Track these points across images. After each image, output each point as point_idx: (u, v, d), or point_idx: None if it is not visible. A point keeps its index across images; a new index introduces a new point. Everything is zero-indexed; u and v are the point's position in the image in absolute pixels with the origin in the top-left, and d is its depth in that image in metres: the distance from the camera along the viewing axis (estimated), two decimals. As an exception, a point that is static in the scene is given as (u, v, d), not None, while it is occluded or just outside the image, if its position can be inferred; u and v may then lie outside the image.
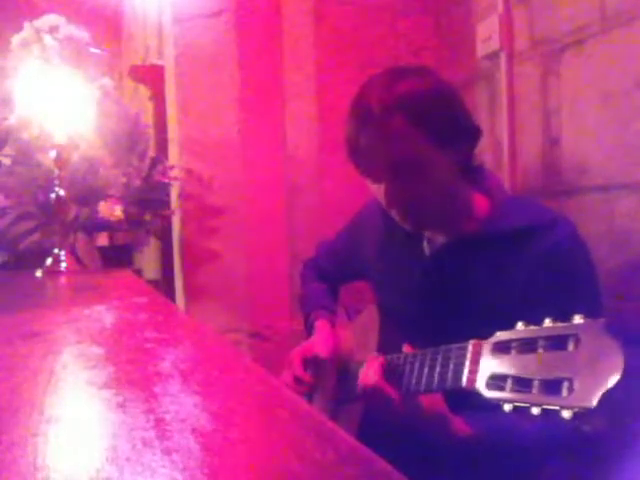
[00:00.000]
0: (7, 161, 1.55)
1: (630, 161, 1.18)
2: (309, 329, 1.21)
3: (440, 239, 0.99)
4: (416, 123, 0.85)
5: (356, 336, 1.16)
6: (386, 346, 0.99)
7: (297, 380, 1.12)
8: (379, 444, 0.39)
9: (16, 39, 1.46)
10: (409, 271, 1.02)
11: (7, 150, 1.54)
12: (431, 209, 0.92)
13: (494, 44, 1.52)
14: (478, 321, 0.66)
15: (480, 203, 0.96)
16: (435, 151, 0.88)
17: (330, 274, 1.29)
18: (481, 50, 1.59)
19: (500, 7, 1.50)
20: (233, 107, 1.69)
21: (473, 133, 0.93)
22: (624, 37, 1.18)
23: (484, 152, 1.56)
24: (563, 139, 1.35)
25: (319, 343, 1.12)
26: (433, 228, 0.98)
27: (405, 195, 0.89)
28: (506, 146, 1.50)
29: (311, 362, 1.13)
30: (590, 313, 0.71)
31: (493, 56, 1.55)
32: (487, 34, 1.55)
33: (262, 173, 1.71)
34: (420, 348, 0.81)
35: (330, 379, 1.13)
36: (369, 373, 0.82)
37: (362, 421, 1.01)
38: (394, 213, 0.93)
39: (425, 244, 1.01)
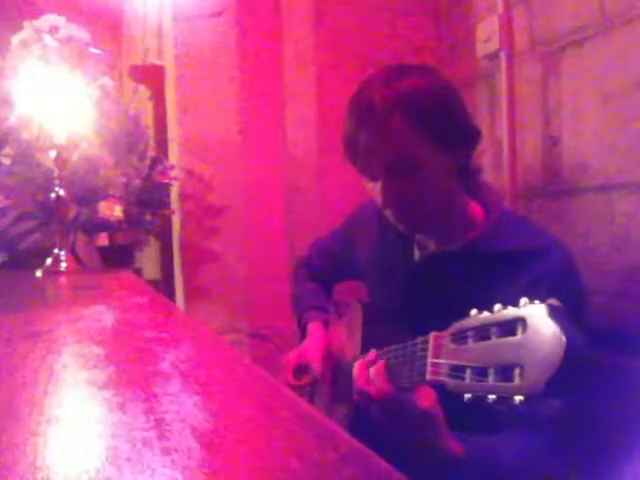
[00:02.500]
0: (7, 161, 1.55)
1: (630, 161, 1.18)
2: (302, 330, 1.21)
3: (431, 246, 0.98)
4: (417, 121, 0.84)
5: (345, 334, 1.17)
6: (369, 344, 0.99)
7: (290, 387, 1.12)
8: (371, 443, 0.39)
9: (16, 39, 1.46)
10: (397, 273, 1.02)
11: (7, 150, 1.54)
12: (426, 211, 0.91)
13: (494, 44, 1.52)
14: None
15: (476, 213, 0.95)
16: (434, 151, 0.87)
17: (323, 274, 1.29)
18: (481, 50, 1.59)
19: (500, 7, 1.50)
20: (233, 107, 1.69)
21: (473, 135, 0.92)
22: (624, 37, 1.18)
23: (484, 152, 1.56)
24: (563, 139, 1.35)
25: (312, 350, 1.12)
26: (426, 231, 0.97)
27: (401, 195, 0.88)
28: (506, 146, 1.50)
29: (305, 366, 1.14)
30: None
31: (493, 56, 1.55)
32: (487, 34, 1.55)
33: (262, 173, 1.71)
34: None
35: (326, 378, 1.14)
36: (366, 376, 0.80)
37: (353, 420, 1.01)
38: (389, 213, 0.92)
39: (415, 249, 1.01)
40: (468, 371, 0.59)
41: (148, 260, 2.50)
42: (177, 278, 1.83)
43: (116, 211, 1.59)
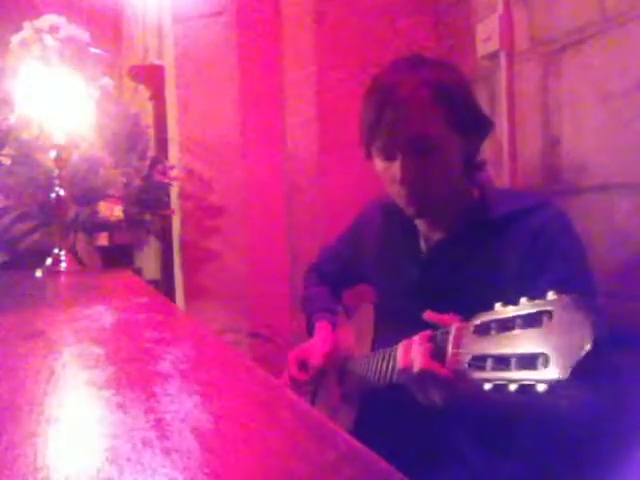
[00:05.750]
0: (7, 161, 1.55)
1: (630, 161, 1.18)
2: (310, 330, 1.21)
3: (436, 235, 0.99)
4: (441, 103, 0.89)
5: (354, 335, 1.17)
6: (380, 344, 0.99)
7: (293, 380, 1.12)
8: (374, 442, 0.39)
9: (16, 39, 1.46)
10: (407, 271, 1.03)
11: (7, 150, 1.54)
12: (437, 193, 0.93)
13: (494, 44, 1.52)
14: (475, 313, 0.66)
15: (475, 196, 0.98)
16: (452, 134, 0.91)
17: (333, 278, 1.29)
18: (481, 50, 1.59)
19: (500, 7, 1.50)
20: (233, 107, 1.69)
21: (486, 124, 0.96)
22: (624, 37, 1.17)
23: (484, 152, 1.56)
24: (563, 139, 1.35)
25: (316, 347, 1.12)
26: (432, 215, 0.98)
27: (418, 173, 0.91)
28: (506, 146, 1.50)
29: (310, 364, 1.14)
30: (581, 286, 0.74)
31: (493, 56, 1.55)
32: (487, 34, 1.55)
33: (262, 173, 1.71)
34: None
35: (331, 379, 1.14)
36: (416, 356, 0.74)
37: (358, 418, 1.01)
38: (403, 192, 0.93)
39: (422, 242, 1.02)
40: (489, 360, 0.58)
41: (148, 260, 2.50)
42: (177, 278, 1.83)
43: (116, 211, 1.59)
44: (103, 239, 2.06)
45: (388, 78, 0.92)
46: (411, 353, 0.74)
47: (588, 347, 0.49)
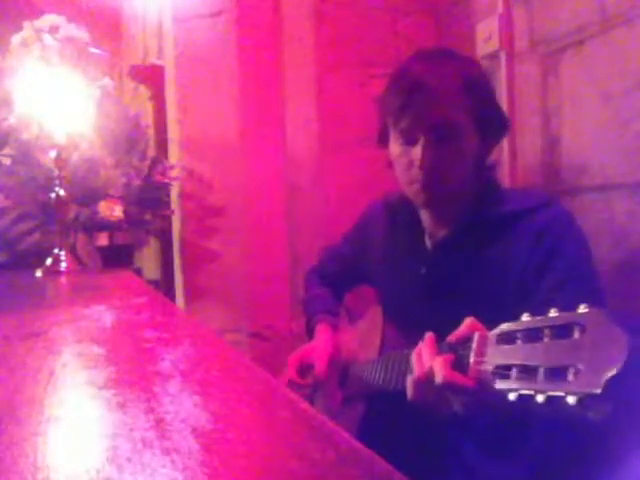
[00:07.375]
0: (7, 161, 1.55)
1: (630, 161, 1.18)
2: (310, 333, 1.21)
3: (441, 233, 0.99)
4: (468, 95, 0.91)
5: (359, 337, 1.16)
6: (389, 347, 0.99)
7: (291, 383, 1.12)
8: (379, 444, 0.39)
9: (16, 39, 1.46)
10: (413, 271, 1.02)
11: (7, 150, 1.54)
12: (452, 182, 0.94)
13: (494, 44, 1.52)
14: (483, 313, 0.65)
15: (481, 194, 0.98)
16: (474, 129, 0.93)
17: (335, 279, 1.29)
18: (481, 50, 1.59)
19: (500, 7, 1.50)
20: (233, 107, 1.69)
21: (504, 123, 0.98)
22: (624, 37, 1.18)
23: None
24: (563, 139, 1.35)
25: (317, 351, 1.12)
26: (441, 206, 0.99)
27: (438, 158, 0.92)
28: (506, 146, 1.50)
29: (310, 366, 1.14)
30: (584, 286, 0.75)
31: (493, 56, 1.55)
32: (487, 34, 1.55)
33: (262, 173, 1.71)
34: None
35: (331, 380, 1.13)
36: (438, 368, 0.70)
37: (362, 421, 1.01)
38: (420, 176, 0.93)
39: (427, 239, 1.02)
40: (514, 370, 0.56)
41: (148, 260, 2.50)
42: (177, 278, 1.83)
43: (116, 211, 1.59)
44: (103, 239, 2.06)
45: (419, 66, 0.94)
46: (427, 362, 0.70)
47: (621, 364, 0.48)
